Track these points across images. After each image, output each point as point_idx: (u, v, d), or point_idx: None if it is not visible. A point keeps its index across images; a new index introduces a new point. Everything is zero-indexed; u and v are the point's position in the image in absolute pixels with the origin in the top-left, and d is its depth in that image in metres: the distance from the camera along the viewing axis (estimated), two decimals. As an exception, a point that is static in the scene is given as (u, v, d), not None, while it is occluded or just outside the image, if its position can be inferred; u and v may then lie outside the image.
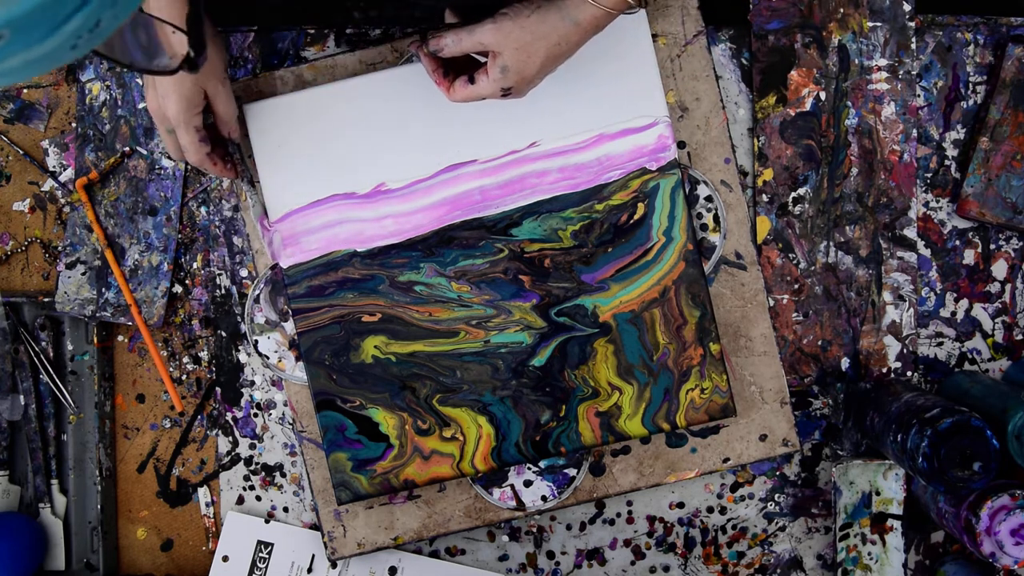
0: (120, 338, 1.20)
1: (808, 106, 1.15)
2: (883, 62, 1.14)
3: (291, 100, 1.12)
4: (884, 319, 1.16)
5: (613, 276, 1.12)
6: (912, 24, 1.14)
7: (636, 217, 1.12)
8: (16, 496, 1.20)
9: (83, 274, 1.17)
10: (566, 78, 1.10)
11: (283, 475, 1.19)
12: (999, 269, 1.17)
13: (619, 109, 1.11)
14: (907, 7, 1.14)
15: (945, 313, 1.18)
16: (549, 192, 1.12)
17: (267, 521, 1.19)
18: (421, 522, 1.16)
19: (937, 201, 1.17)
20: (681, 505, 1.19)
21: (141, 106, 1.16)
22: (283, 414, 1.19)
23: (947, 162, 1.17)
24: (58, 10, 0.50)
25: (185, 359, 1.20)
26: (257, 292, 1.15)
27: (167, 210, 1.17)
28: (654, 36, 1.13)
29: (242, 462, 1.20)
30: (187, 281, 1.19)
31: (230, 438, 1.20)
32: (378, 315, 1.12)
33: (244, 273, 1.18)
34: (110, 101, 1.16)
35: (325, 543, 1.16)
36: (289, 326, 1.15)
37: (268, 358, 1.15)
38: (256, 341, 1.15)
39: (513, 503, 1.16)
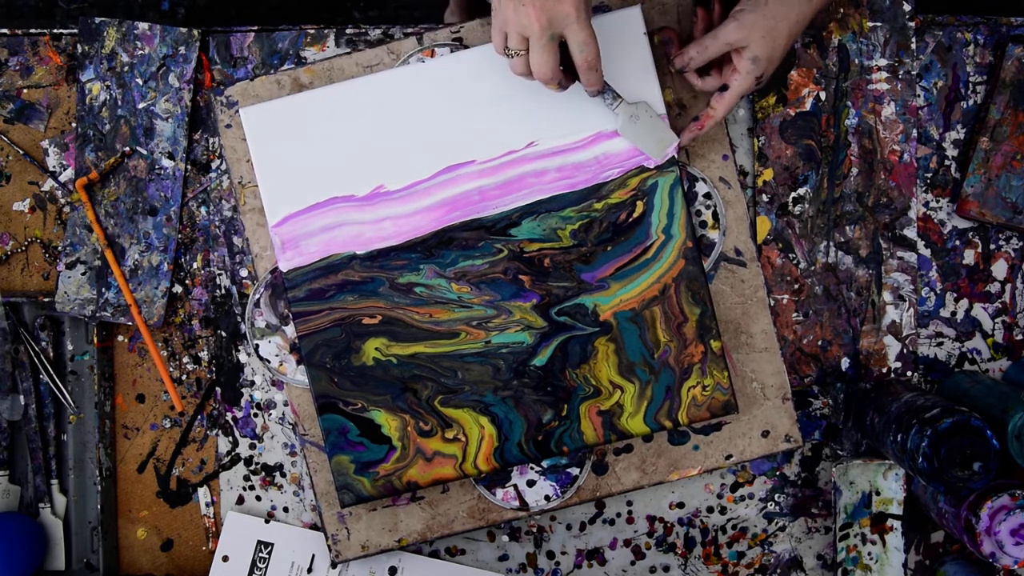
0: (120, 338, 1.20)
1: (808, 106, 1.15)
2: (883, 62, 1.14)
3: (289, 103, 1.12)
4: (884, 319, 1.16)
5: (613, 275, 1.12)
6: (912, 24, 1.14)
7: (635, 215, 1.12)
8: (16, 496, 1.20)
9: (83, 274, 1.17)
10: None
11: (283, 475, 1.20)
12: (999, 269, 1.17)
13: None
14: (907, 7, 1.14)
15: (945, 313, 1.18)
16: (548, 192, 1.12)
17: (267, 521, 1.19)
18: (425, 523, 1.16)
19: (937, 201, 1.18)
20: (681, 505, 1.19)
21: (141, 106, 1.16)
22: (283, 414, 1.19)
23: (947, 162, 1.17)
24: None
25: (185, 359, 1.20)
26: (257, 296, 1.15)
27: (167, 210, 1.17)
28: (651, 34, 1.12)
29: (242, 462, 1.20)
30: (187, 281, 1.19)
31: (230, 438, 1.20)
32: (378, 317, 1.12)
33: (244, 273, 1.18)
34: (110, 101, 1.16)
35: (329, 546, 1.16)
36: (290, 330, 1.15)
37: (269, 362, 1.15)
38: (257, 345, 1.15)
39: (516, 503, 1.16)
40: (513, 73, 1.01)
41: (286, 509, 1.20)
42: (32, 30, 1.19)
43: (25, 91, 1.18)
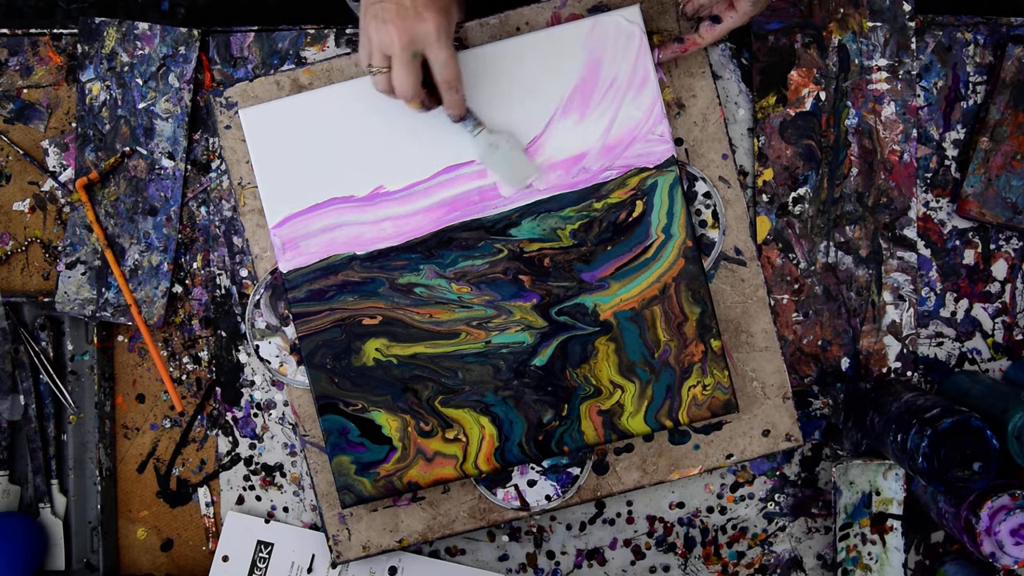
0: (120, 338, 1.20)
1: (808, 106, 1.15)
2: (883, 62, 1.14)
3: (288, 104, 1.12)
4: (884, 319, 1.16)
5: (613, 274, 1.12)
6: (912, 24, 1.14)
7: (635, 215, 1.12)
8: (16, 496, 1.20)
9: (83, 274, 1.17)
10: (562, 76, 1.10)
11: (283, 475, 1.19)
12: (999, 269, 1.17)
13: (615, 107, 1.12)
14: (907, 7, 1.14)
15: (945, 313, 1.18)
16: (547, 191, 1.12)
17: (267, 521, 1.19)
18: (426, 524, 1.16)
19: (937, 201, 1.17)
20: (681, 505, 1.19)
21: (141, 106, 1.16)
22: (283, 414, 1.19)
23: (947, 162, 1.17)
24: None
25: (185, 359, 1.20)
26: (257, 297, 1.15)
27: (167, 210, 1.17)
28: (650, 33, 1.12)
29: (242, 462, 1.20)
30: (187, 281, 1.19)
31: (230, 438, 1.20)
32: (379, 318, 1.12)
33: (244, 273, 1.18)
34: (110, 101, 1.16)
35: (330, 547, 1.16)
36: (290, 330, 1.15)
37: (270, 363, 1.15)
38: (257, 346, 1.15)
39: (517, 503, 1.16)
40: (376, 90, 1.02)
41: (286, 509, 1.20)
42: (32, 30, 1.19)
43: (25, 91, 1.18)
